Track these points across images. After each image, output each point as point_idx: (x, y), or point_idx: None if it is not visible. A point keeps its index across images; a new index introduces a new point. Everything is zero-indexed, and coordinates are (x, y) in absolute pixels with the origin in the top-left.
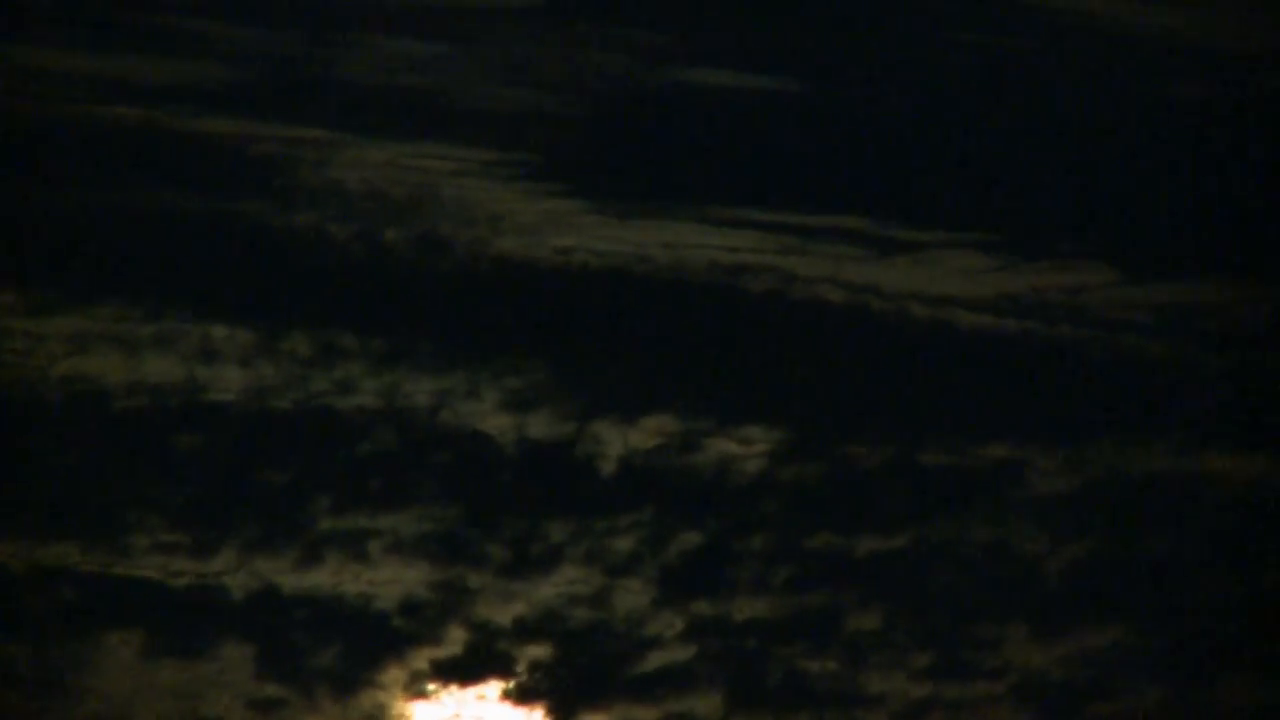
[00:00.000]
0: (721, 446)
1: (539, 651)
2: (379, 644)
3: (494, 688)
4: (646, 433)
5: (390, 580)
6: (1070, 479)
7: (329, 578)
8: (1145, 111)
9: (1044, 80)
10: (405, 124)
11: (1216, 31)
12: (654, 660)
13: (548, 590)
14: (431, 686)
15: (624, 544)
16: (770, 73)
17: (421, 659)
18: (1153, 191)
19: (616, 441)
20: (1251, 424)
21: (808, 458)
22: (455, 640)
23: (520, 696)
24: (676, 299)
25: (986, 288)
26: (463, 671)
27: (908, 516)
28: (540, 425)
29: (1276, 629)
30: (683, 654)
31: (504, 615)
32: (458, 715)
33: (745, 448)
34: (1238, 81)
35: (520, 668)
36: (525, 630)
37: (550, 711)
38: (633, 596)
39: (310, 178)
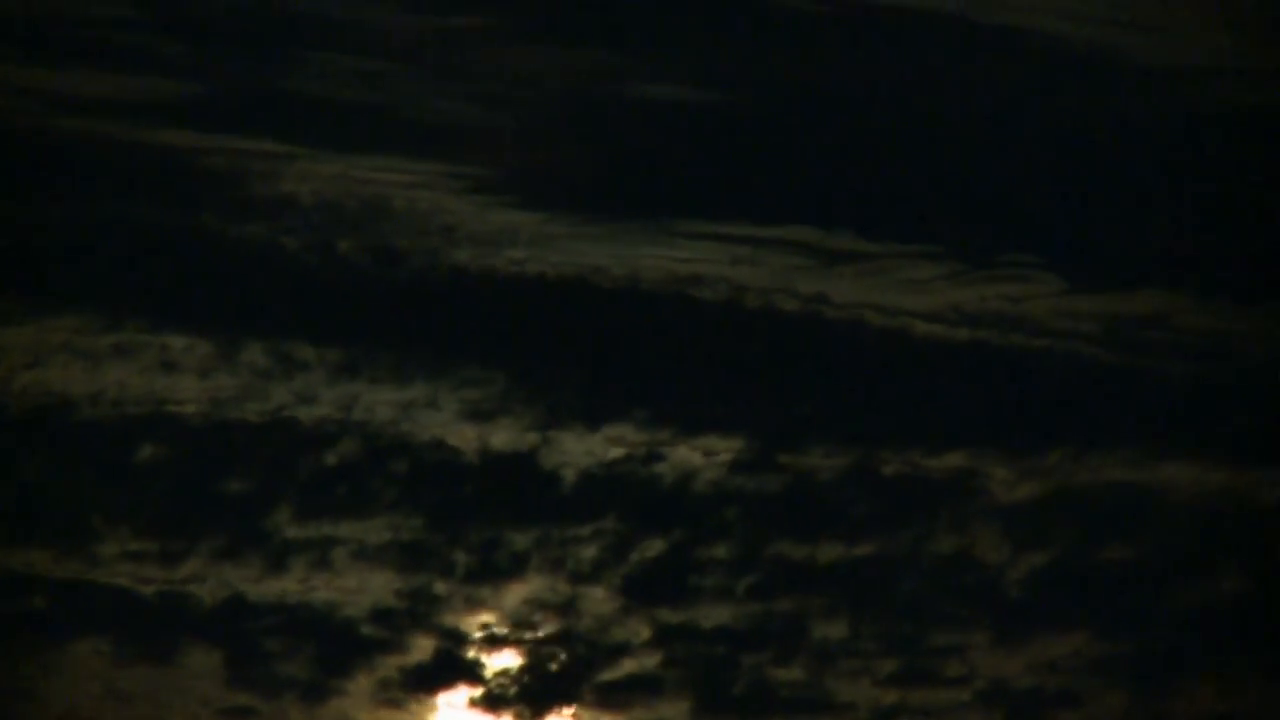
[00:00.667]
0: (682, 456)
1: (507, 659)
2: (347, 651)
3: (463, 695)
4: (607, 443)
5: (357, 588)
6: (1028, 488)
7: (296, 585)
8: (1091, 125)
9: (991, 95)
10: (355, 138)
11: (1161, 49)
12: (621, 667)
13: (514, 598)
14: (401, 694)
15: (588, 552)
16: (720, 87)
17: (390, 666)
18: (1099, 202)
19: (577, 451)
20: (1205, 434)
21: (768, 467)
22: (423, 648)
23: (489, 704)
24: (631, 309)
25: (937, 298)
26: (431, 679)
27: (869, 525)
28: (501, 435)
29: (1237, 637)
30: (650, 661)
31: (471, 623)
32: None
33: (706, 457)
34: (1181, 97)
35: (489, 675)
36: (493, 638)
37: (519, 718)
38: (599, 604)
39: (261, 190)
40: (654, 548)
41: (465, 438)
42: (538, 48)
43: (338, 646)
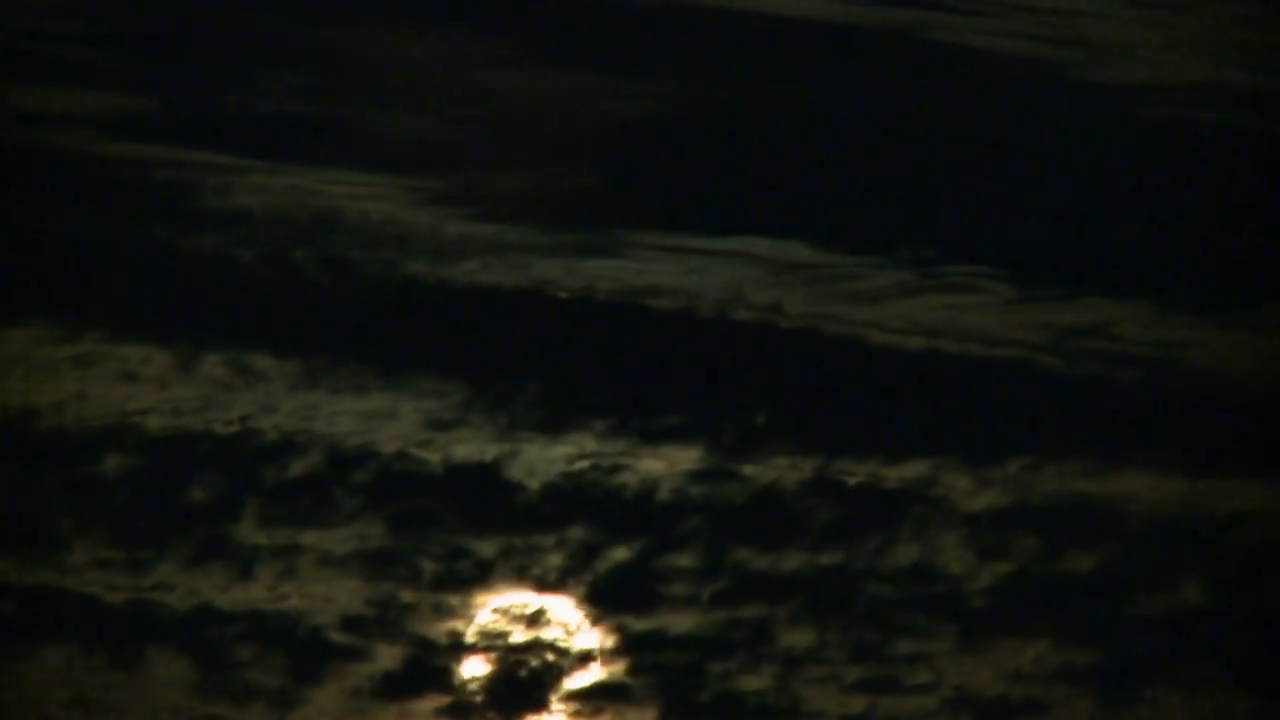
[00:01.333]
0: (643, 466)
1: (476, 667)
2: (317, 659)
3: (433, 703)
4: (567, 453)
5: (325, 596)
6: (987, 497)
7: (264, 594)
8: (1038, 139)
9: (940, 110)
10: (307, 152)
11: (1106, 65)
12: (589, 675)
13: (481, 606)
14: (371, 702)
15: (554, 561)
16: (674, 102)
17: (360, 674)
18: (1046, 213)
19: (539, 461)
20: (1159, 443)
21: (728, 477)
22: (393, 656)
23: (459, 712)
24: (586, 320)
25: (889, 308)
26: (401, 687)
27: (832, 534)
28: (462, 446)
29: (1199, 646)
30: (617, 669)
31: (439, 631)
32: None
33: (667, 467)
34: (1126, 112)
35: (458, 683)
36: (461, 646)
37: None
38: (565, 612)
39: (214, 203)
40: (618, 556)
41: (427, 448)
42: (495, 66)
43: (307, 655)
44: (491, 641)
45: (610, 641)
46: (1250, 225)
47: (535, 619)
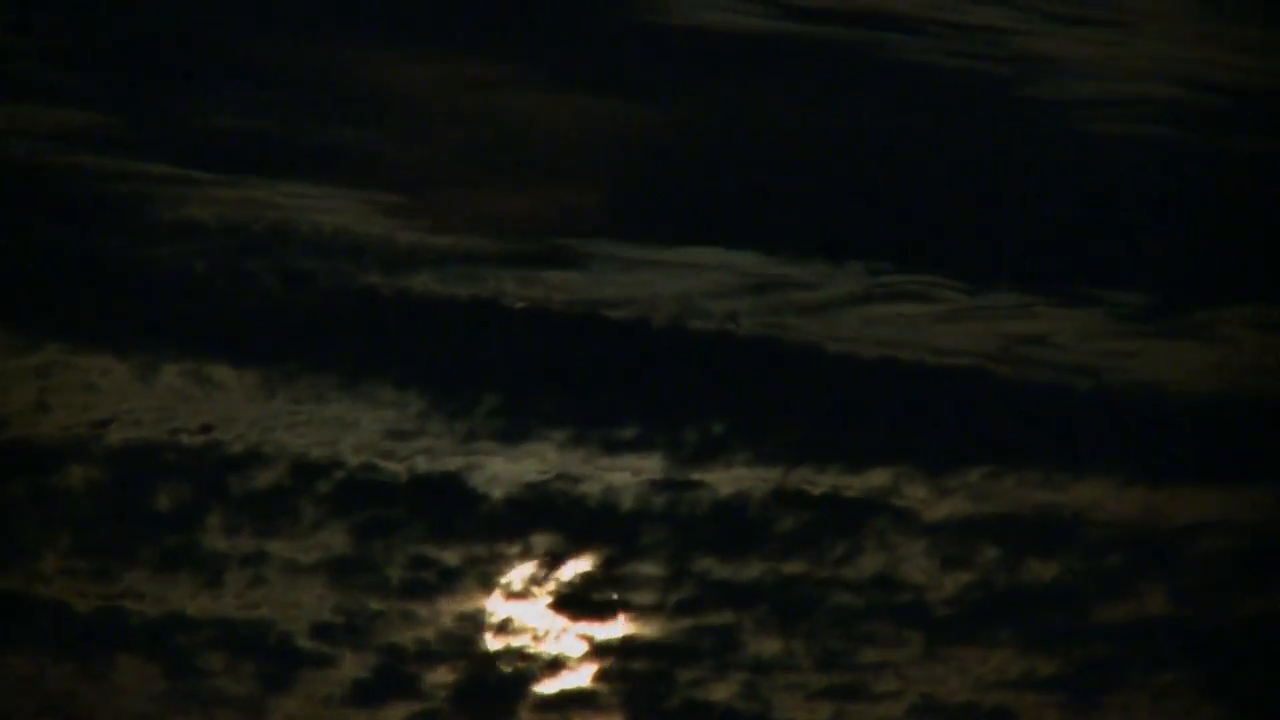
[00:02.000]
0: (604, 475)
1: (444, 674)
2: (286, 667)
3: (402, 710)
4: (529, 463)
5: (292, 604)
6: (949, 506)
7: (232, 602)
8: (986, 151)
9: (887, 120)
10: (258, 164)
11: (1042, 80)
12: (557, 683)
13: (448, 615)
14: (341, 710)
15: (519, 569)
16: (623, 115)
17: (330, 682)
18: (996, 222)
19: (500, 471)
20: (1114, 451)
21: (690, 486)
22: (362, 664)
23: (430, 719)
24: (543, 331)
25: (843, 317)
26: (371, 695)
27: (794, 543)
28: (423, 456)
29: (1163, 653)
30: (585, 676)
31: (408, 639)
32: None
33: (628, 477)
34: (1066, 125)
35: (427, 690)
36: (430, 654)
37: None
38: (532, 620)
39: (167, 215)
40: (583, 565)
41: (389, 458)
42: (454, 81)
43: (277, 662)
44: (460, 649)
45: (577, 649)
46: (1192, 235)
47: (503, 627)
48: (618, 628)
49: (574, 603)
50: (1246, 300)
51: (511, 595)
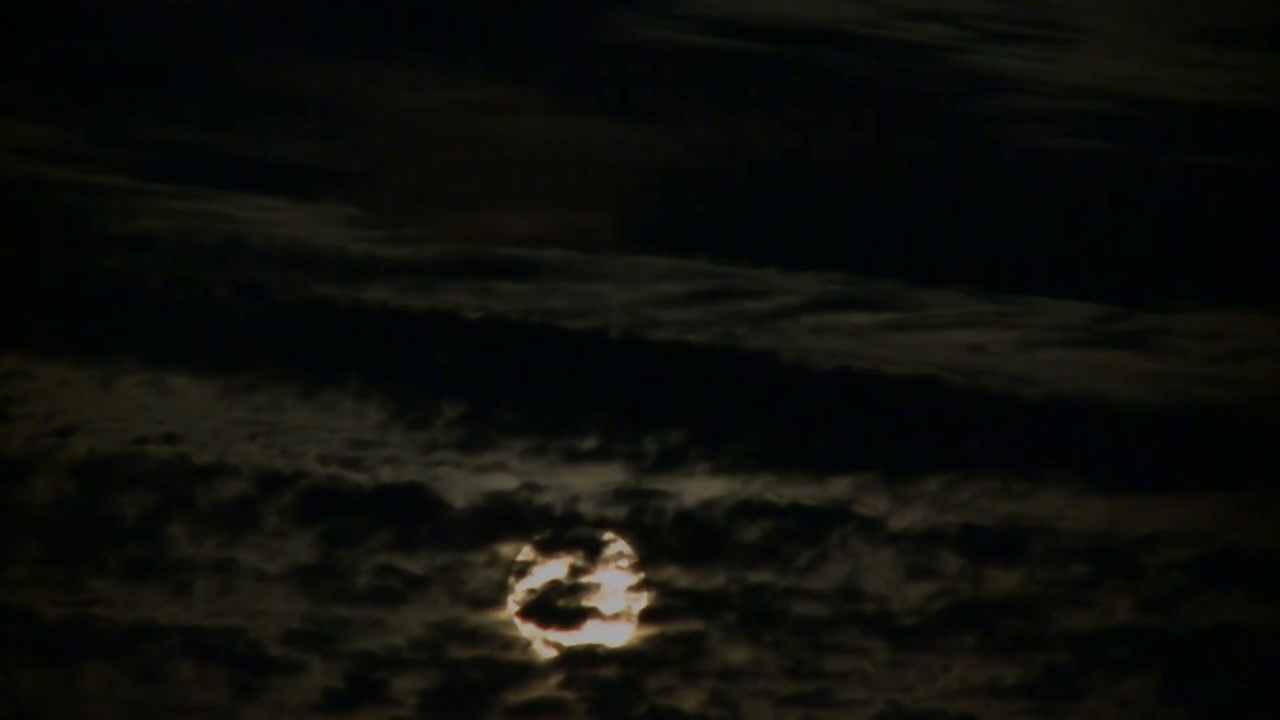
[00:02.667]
0: (566, 485)
1: (414, 682)
2: (256, 674)
3: (373, 717)
4: (490, 472)
5: (261, 612)
6: (910, 515)
7: (201, 610)
8: (928, 161)
9: (834, 132)
10: (210, 176)
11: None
12: (525, 690)
13: (417, 622)
14: (311, 717)
15: (485, 577)
16: (579, 119)
17: (299, 689)
18: (939, 232)
19: (462, 481)
20: (1071, 460)
21: (652, 495)
22: (332, 671)
23: None
24: (498, 341)
25: (797, 326)
26: (341, 702)
27: (758, 552)
28: (386, 466)
29: (1126, 661)
30: (553, 683)
31: (377, 646)
32: None
33: (590, 486)
34: (1007, 138)
35: (397, 697)
36: (399, 661)
37: None
38: (499, 628)
39: (120, 226)
40: (549, 574)
41: (352, 467)
42: (410, 90)
43: (247, 670)
44: (428, 657)
45: (545, 657)
46: (1130, 247)
47: (470, 635)
48: (585, 635)
49: (541, 610)
50: (1186, 310)
51: (479, 603)
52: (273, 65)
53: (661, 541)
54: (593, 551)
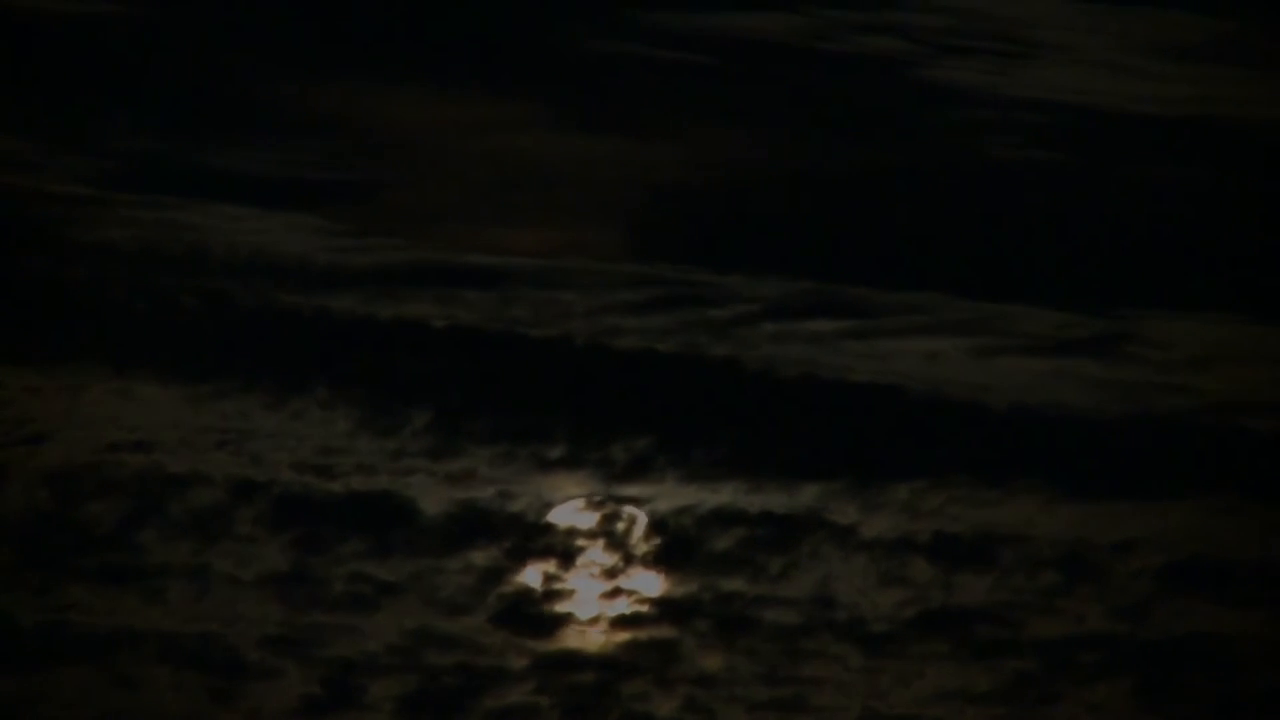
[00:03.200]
0: (536, 492)
1: (390, 688)
2: (233, 680)
3: None
4: (460, 480)
5: (237, 618)
6: (880, 522)
7: (176, 616)
8: (883, 170)
9: (792, 140)
10: (173, 184)
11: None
12: (501, 696)
13: (392, 629)
14: None
15: (459, 584)
16: (556, 131)
17: (276, 695)
18: (898, 239)
19: (433, 488)
20: (1038, 468)
21: (622, 502)
22: (308, 677)
23: None
24: (464, 348)
25: (759, 333)
26: (318, 708)
27: (730, 559)
28: (356, 473)
29: (1099, 668)
30: (529, 689)
31: (352, 652)
32: None
33: (560, 493)
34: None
35: (374, 703)
36: (375, 667)
37: None
38: (474, 634)
39: (86, 235)
40: (522, 580)
41: (322, 475)
42: (367, 102)
43: (223, 676)
44: (404, 662)
45: (520, 663)
46: (1084, 256)
47: (445, 641)
48: (558, 641)
49: (514, 617)
50: (1144, 317)
51: (453, 610)
52: (238, 75)
53: (633, 549)
54: (565, 558)
